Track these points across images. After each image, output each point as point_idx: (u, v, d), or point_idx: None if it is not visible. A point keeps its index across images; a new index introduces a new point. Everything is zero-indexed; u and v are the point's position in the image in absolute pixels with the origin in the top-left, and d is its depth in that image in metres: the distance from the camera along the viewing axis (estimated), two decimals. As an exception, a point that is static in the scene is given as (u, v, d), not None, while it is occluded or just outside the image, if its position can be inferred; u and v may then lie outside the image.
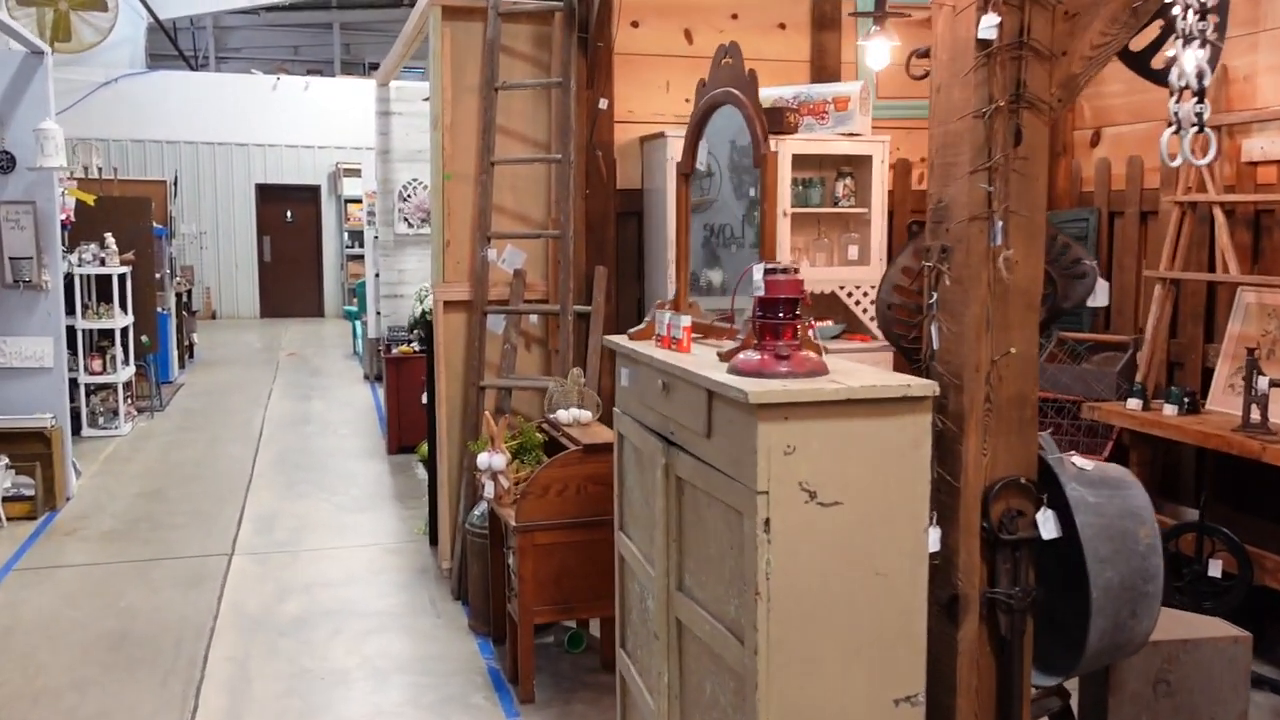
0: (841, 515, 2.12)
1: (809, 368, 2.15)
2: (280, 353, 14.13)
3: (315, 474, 7.35)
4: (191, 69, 20.48)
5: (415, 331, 8.00)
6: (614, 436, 3.45)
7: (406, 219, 8.11)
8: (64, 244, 7.13)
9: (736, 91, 2.48)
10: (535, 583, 3.82)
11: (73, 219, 7.07)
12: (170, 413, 9.63)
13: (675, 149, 4.93)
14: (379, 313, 11.07)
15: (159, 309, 10.97)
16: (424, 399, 8.00)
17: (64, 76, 17.65)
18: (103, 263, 8.66)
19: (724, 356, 2.31)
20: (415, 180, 8.07)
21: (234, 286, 18.88)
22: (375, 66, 22.13)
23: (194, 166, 18.54)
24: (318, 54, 23.91)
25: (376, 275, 11.16)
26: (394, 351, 8.01)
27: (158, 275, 10.99)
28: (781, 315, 2.19)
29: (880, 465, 2.13)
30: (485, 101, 4.98)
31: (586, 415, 4.23)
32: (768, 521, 2.06)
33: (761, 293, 2.19)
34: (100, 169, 10.92)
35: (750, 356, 2.15)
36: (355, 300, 15.12)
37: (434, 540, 5.68)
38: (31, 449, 6.40)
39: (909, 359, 2.56)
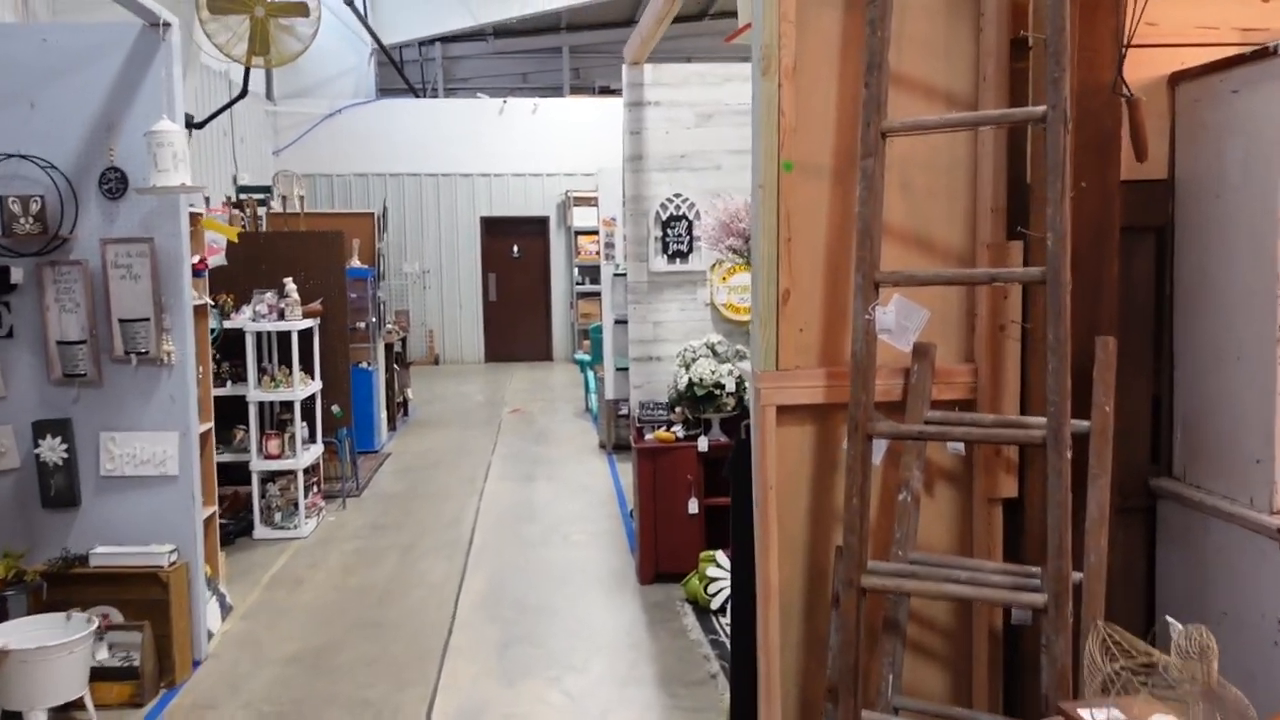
0: None
1: None
2: (503, 409, 12.21)
3: (539, 624, 5.07)
4: (418, 99, 19.36)
5: (679, 410, 5.63)
6: None
7: (668, 249, 5.76)
8: (206, 294, 5.21)
9: None
10: None
11: (209, 262, 5.14)
12: (366, 500, 7.69)
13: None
14: (620, 369, 8.86)
15: (364, 365, 9.20)
16: (692, 508, 5.64)
17: (288, 110, 16.76)
18: (281, 315, 6.79)
19: None
20: (679, 196, 5.73)
21: (458, 329, 17.35)
22: (606, 90, 20.42)
23: (417, 200, 17.24)
24: (547, 80, 22.51)
25: (618, 322, 8.97)
26: (648, 437, 5.66)
27: (361, 325, 9.23)
28: None
29: None
30: (865, 17, 2.51)
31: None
32: None
33: None
34: (301, 199, 9.25)
35: None
36: (587, 346, 13.16)
37: (739, 809, 3.23)
38: (146, 593, 4.42)
39: None
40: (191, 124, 9.74)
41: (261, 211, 8.96)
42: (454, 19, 17.65)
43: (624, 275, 9.12)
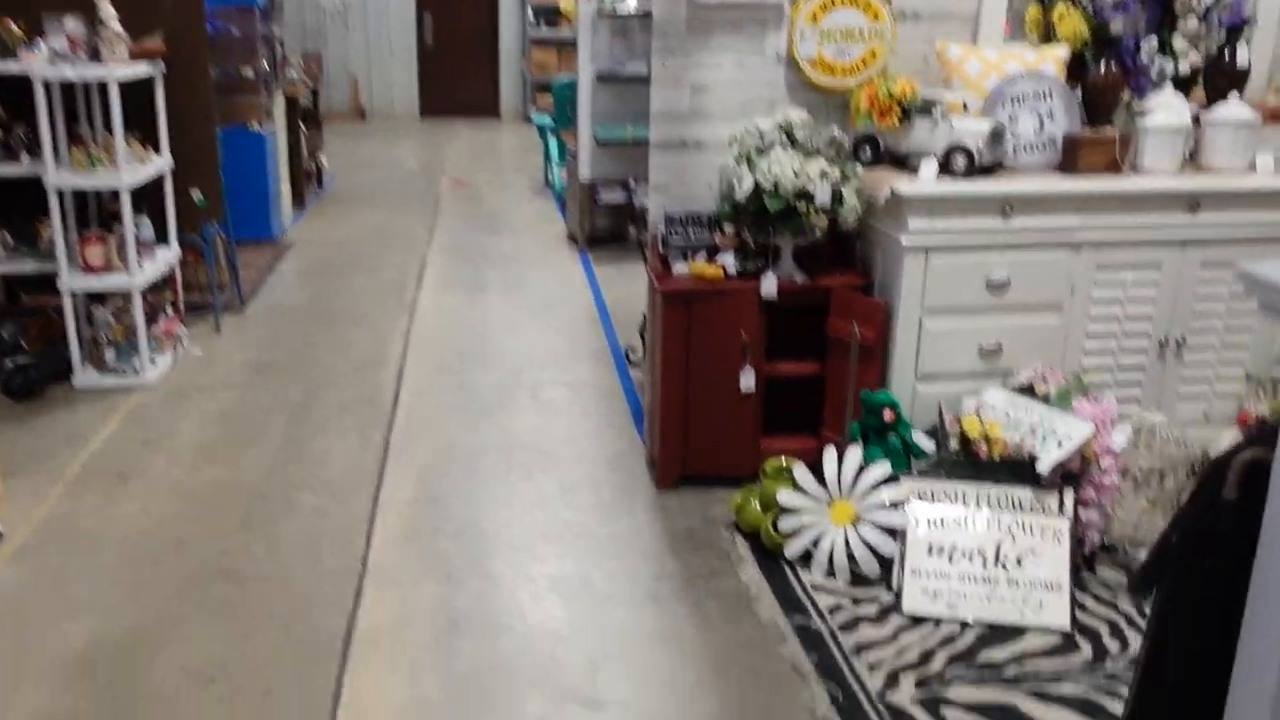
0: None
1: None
2: (442, 180, 9.90)
3: (498, 562, 3.11)
4: None
5: (732, 230, 3.50)
6: None
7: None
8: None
9: None
10: None
11: None
12: (252, 317, 5.56)
13: None
14: (603, 143, 6.63)
15: (254, 125, 6.85)
16: (745, 382, 3.61)
17: None
18: (95, 55, 4.40)
19: None
20: None
21: (387, 78, 14.60)
22: None
23: (333, -87, 14.04)
24: None
25: (601, 78, 6.66)
26: (678, 269, 3.54)
27: (249, 72, 6.80)
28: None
29: None
30: None
31: None
32: None
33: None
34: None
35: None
36: (546, 102, 10.76)
37: None
38: None
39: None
40: None
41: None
42: None
43: (612, 15, 6.69)
